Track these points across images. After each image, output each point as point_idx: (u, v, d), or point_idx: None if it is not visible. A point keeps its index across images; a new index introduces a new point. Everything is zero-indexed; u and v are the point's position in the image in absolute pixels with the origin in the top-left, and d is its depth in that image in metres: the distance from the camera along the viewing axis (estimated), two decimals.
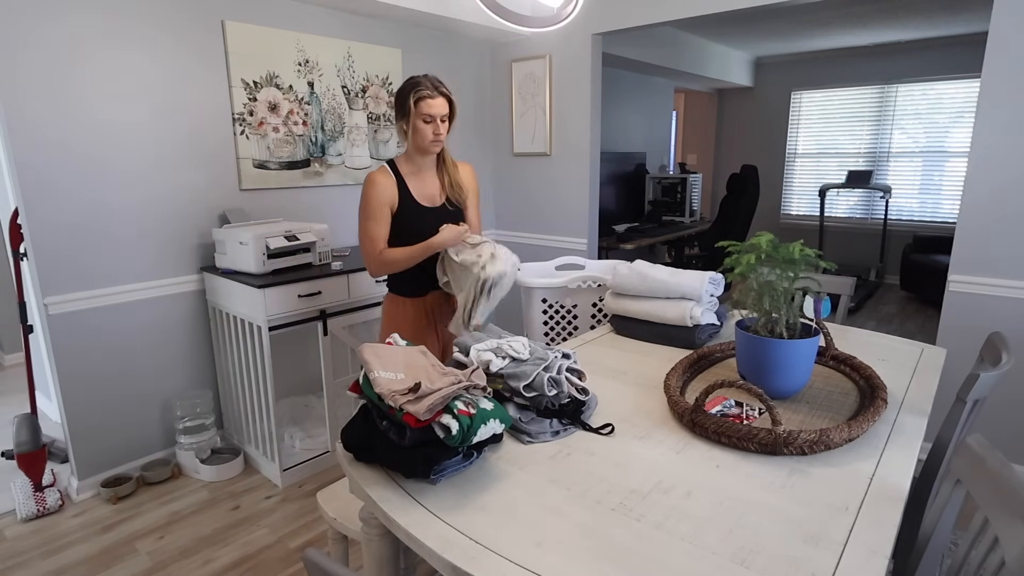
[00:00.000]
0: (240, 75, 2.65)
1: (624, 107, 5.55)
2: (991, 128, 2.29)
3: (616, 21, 3.18)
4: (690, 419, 1.26)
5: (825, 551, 0.88)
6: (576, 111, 3.48)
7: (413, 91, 1.83)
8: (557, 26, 2.05)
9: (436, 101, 1.84)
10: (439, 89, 1.85)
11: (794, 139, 6.58)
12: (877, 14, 4.52)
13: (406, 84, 1.86)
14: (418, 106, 1.83)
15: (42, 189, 2.20)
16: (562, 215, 3.70)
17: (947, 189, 5.76)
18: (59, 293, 2.28)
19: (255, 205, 2.82)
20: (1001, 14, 2.21)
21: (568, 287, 2.39)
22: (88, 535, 2.21)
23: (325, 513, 1.57)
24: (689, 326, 1.77)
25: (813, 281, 1.38)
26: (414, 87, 1.84)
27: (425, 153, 1.93)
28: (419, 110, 1.83)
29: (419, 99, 1.83)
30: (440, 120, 1.87)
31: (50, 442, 2.65)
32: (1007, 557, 0.83)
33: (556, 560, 0.87)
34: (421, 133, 1.87)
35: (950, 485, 1.07)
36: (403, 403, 1.05)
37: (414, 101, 1.83)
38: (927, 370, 1.60)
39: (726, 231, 5.32)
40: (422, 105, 1.83)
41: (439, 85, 1.86)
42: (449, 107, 1.89)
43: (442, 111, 1.86)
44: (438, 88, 1.85)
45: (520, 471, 1.12)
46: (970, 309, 2.43)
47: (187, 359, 2.70)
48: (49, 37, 2.15)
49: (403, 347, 1.27)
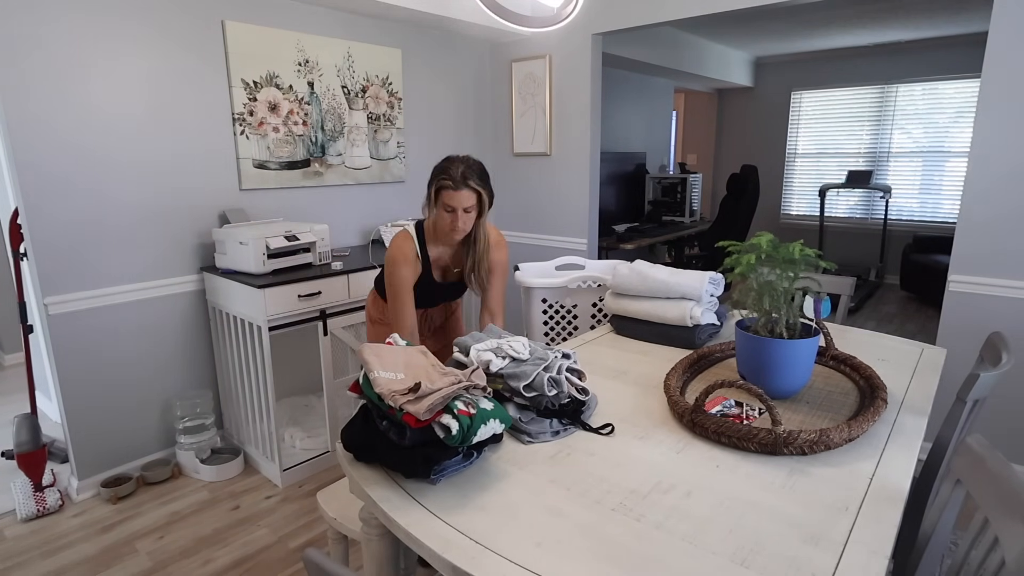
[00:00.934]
0: (240, 75, 2.65)
1: (624, 107, 5.55)
2: (991, 128, 2.29)
3: (616, 21, 3.18)
4: (690, 419, 1.26)
5: (825, 551, 0.88)
6: (576, 111, 3.48)
7: (437, 178, 1.70)
8: (557, 26, 2.06)
9: (460, 194, 1.68)
10: (467, 182, 1.68)
11: (794, 139, 6.58)
12: (877, 14, 4.52)
13: (438, 164, 1.72)
14: (439, 195, 1.70)
15: (42, 189, 2.20)
16: (562, 215, 3.70)
17: (947, 189, 5.76)
18: (59, 293, 2.28)
19: (255, 205, 2.82)
20: (1001, 14, 2.21)
21: (568, 287, 2.39)
22: (88, 535, 2.21)
23: (325, 513, 1.57)
24: (689, 326, 1.77)
25: (813, 281, 1.38)
26: (440, 174, 1.70)
27: (447, 242, 1.82)
28: (440, 199, 1.71)
29: (440, 188, 1.69)
30: (464, 211, 1.71)
31: (50, 442, 2.65)
32: (1007, 557, 0.83)
33: (556, 560, 0.87)
34: (442, 221, 1.74)
35: (950, 485, 1.07)
36: (403, 403, 1.06)
37: (435, 189, 1.70)
38: (927, 370, 1.60)
39: (726, 231, 5.32)
40: (443, 195, 1.70)
41: (469, 178, 1.69)
42: (478, 198, 1.73)
43: (465, 203, 1.70)
44: (467, 181, 1.68)
45: (520, 471, 1.12)
46: (970, 309, 2.43)
47: (187, 359, 2.70)
48: (49, 37, 2.15)
49: (403, 347, 1.27)
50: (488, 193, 1.75)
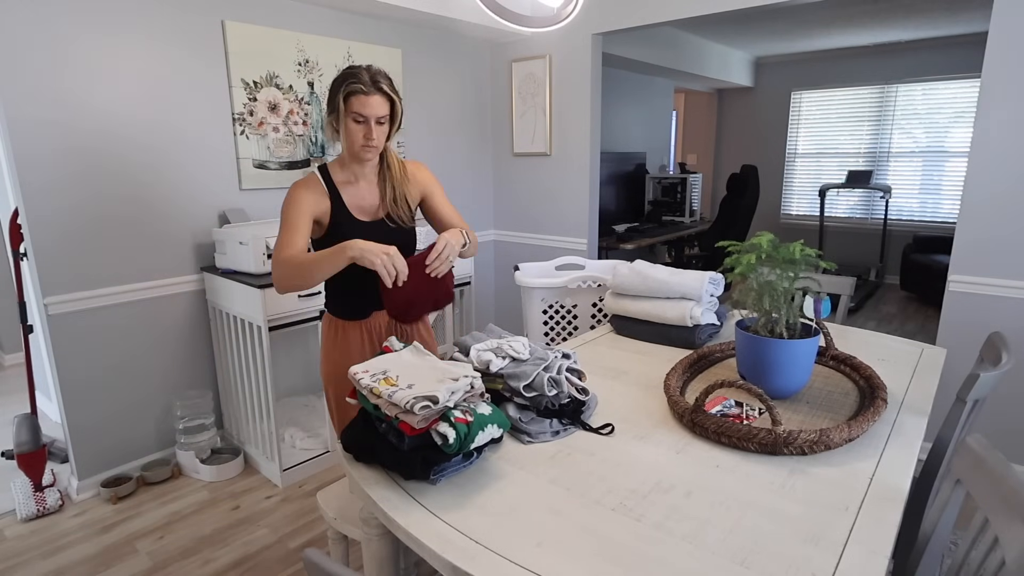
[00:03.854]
0: (240, 75, 2.65)
1: (624, 107, 5.55)
2: (991, 128, 2.29)
3: (616, 21, 3.18)
4: (690, 419, 1.26)
5: (825, 551, 0.88)
6: (576, 111, 3.47)
7: (344, 84, 1.51)
8: (557, 26, 2.05)
9: (371, 99, 1.50)
10: (378, 85, 1.51)
11: (794, 139, 6.58)
12: (877, 14, 4.52)
13: (340, 74, 1.54)
14: (348, 102, 1.51)
15: (42, 189, 2.20)
16: (562, 215, 3.70)
17: (947, 189, 5.76)
18: (59, 293, 2.28)
19: (255, 205, 2.82)
20: (1001, 14, 2.21)
21: (568, 287, 2.39)
22: (88, 535, 2.21)
23: (325, 513, 1.57)
24: (689, 326, 1.77)
25: (813, 281, 1.38)
26: (346, 79, 1.51)
27: (357, 160, 1.61)
28: (349, 107, 1.51)
29: (350, 94, 1.51)
30: (376, 122, 1.53)
31: (50, 442, 2.65)
32: (1007, 557, 0.83)
33: (556, 560, 0.87)
34: (351, 135, 1.54)
35: (950, 485, 1.07)
36: (397, 413, 1.05)
37: (344, 96, 1.51)
38: (927, 370, 1.60)
39: (726, 231, 5.32)
40: (353, 101, 1.50)
41: (379, 80, 1.52)
42: (390, 107, 1.55)
43: (378, 112, 1.52)
44: (376, 83, 1.51)
45: (520, 471, 1.12)
46: (970, 309, 2.43)
47: (187, 359, 2.70)
48: (49, 37, 2.15)
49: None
50: (400, 104, 1.58)
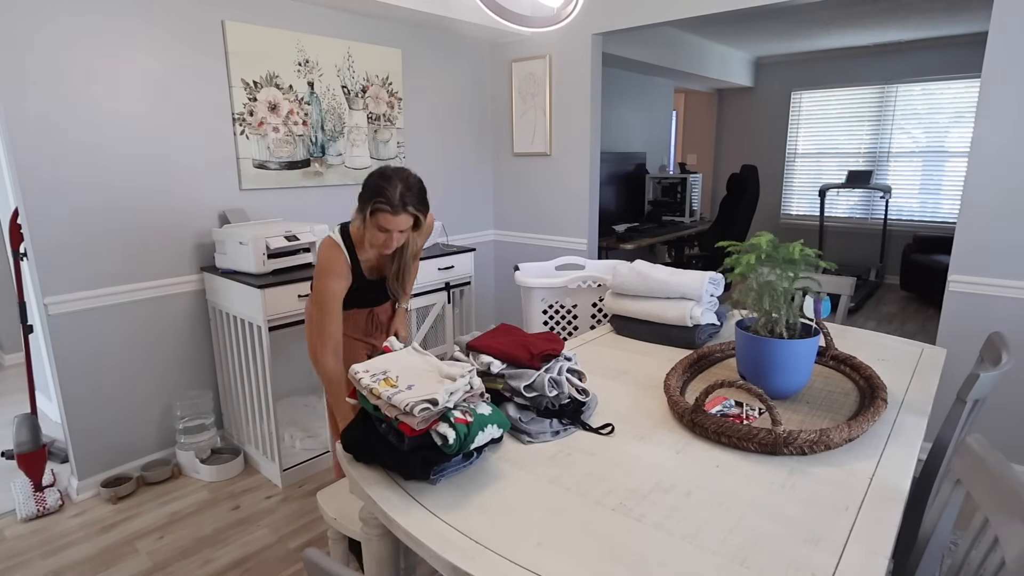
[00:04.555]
0: (240, 75, 2.65)
1: (624, 107, 5.55)
2: (991, 128, 2.29)
3: (616, 21, 3.18)
4: (690, 419, 1.26)
5: (825, 551, 0.88)
6: (576, 111, 3.47)
7: (373, 200, 1.58)
8: (557, 26, 2.05)
9: (397, 218, 1.59)
10: (406, 207, 1.59)
11: (794, 139, 6.58)
12: (877, 14, 4.52)
13: (374, 181, 1.60)
14: (375, 216, 1.60)
15: (42, 189, 2.20)
16: (562, 215, 3.70)
17: (947, 189, 5.76)
18: (59, 293, 2.28)
19: (255, 205, 2.82)
20: (1001, 14, 2.21)
21: (568, 287, 2.39)
22: (88, 535, 2.21)
23: (325, 513, 1.57)
24: (689, 326, 1.77)
25: (813, 281, 1.38)
26: (376, 195, 1.58)
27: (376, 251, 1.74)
28: (375, 220, 1.60)
29: (376, 211, 1.59)
30: (399, 232, 1.63)
31: (50, 442, 2.65)
32: (1007, 557, 0.83)
33: (556, 560, 0.87)
34: (374, 237, 1.65)
35: (950, 485, 1.07)
36: (396, 414, 1.05)
37: (370, 211, 1.60)
38: (927, 370, 1.60)
39: (726, 231, 5.32)
40: (379, 216, 1.59)
41: (408, 202, 1.59)
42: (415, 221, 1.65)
43: (401, 226, 1.62)
44: (406, 206, 1.59)
45: (520, 471, 1.12)
46: (970, 309, 2.43)
47: (187, 359, 2.70)
48: (50, 37, 2.15)
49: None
50: (424, 214, 1.67)
